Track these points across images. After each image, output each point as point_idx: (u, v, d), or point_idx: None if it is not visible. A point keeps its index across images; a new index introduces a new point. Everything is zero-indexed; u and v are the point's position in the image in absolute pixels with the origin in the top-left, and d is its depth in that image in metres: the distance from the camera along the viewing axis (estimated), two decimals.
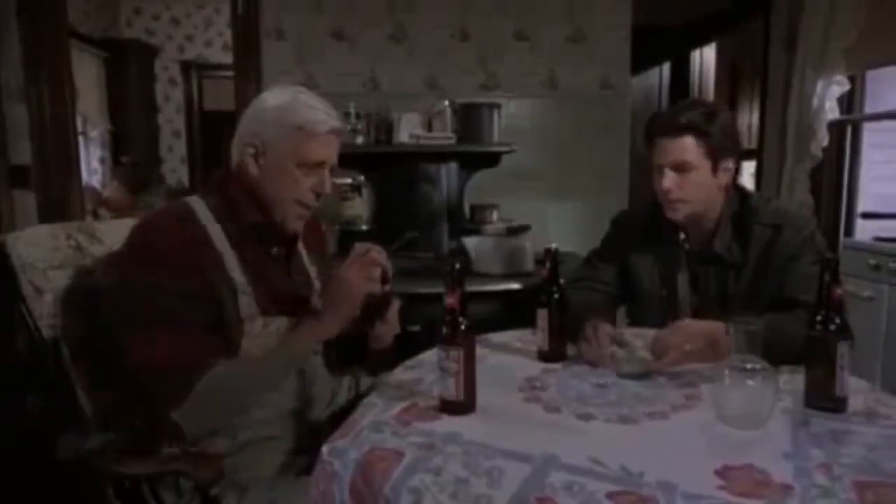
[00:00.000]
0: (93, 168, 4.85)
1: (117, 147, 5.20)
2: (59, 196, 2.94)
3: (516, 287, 2.37)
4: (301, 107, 1.27)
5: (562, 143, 3.23)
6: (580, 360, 1.37)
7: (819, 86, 3.04)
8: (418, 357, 1.39)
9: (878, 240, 2.65)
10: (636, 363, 1.30)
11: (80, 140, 3.58)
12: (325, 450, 0.99)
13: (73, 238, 1.38)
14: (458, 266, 1.09)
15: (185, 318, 1.16)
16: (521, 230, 2.68)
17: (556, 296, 1.37)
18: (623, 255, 1.66)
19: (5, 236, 1.31)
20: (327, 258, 1.62)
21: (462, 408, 1.09)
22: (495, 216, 2.83)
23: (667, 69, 5.03)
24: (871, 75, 3.13)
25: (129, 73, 5.26)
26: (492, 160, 2.88)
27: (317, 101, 1.30)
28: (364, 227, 2.76)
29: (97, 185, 4.78)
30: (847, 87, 3.02)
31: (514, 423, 1.09)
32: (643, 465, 0.89)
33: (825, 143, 3.09)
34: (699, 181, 1.47)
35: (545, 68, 3.19)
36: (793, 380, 1.19)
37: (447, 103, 2.73)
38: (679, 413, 1.11)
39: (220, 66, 5.50)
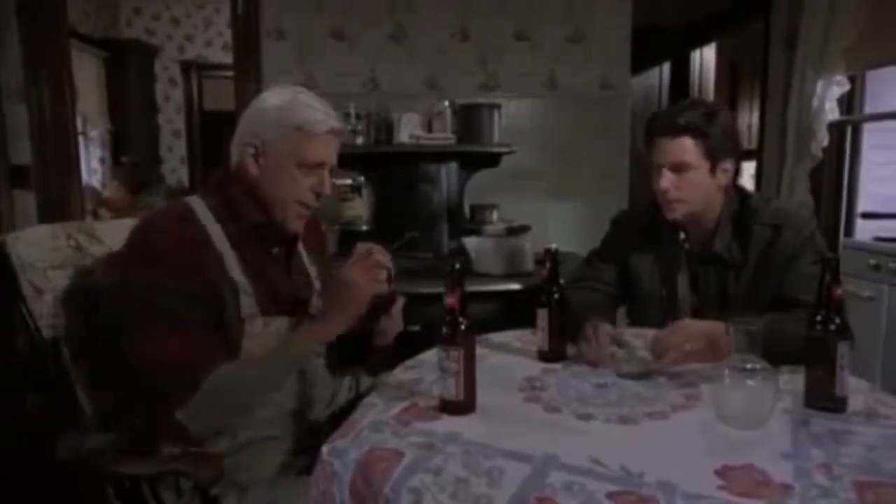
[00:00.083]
0: (93, 168, 4.85)
1: (117, 147, 5.20)
2: (59, 196, 2.94)
3: (516, 287, 2.37)
4: (301, 107, 1.27)
5: (562, 143, 3.23)
6: (580, 360, 1.37)
7: (819, 86, 3.04)
8: (418, 357, 1.39)
9: (878, 240, 2.65)
10: (636, 363, 1.30)
11: (80, 140, 3.58)
12: (325, 450, 0.99)
13: (73, 238, 1.38)
14: (458, 266, 1.09)
15: (186, 317, 1.16)
16: (521, 230, 2.68)
17: (556, 296, 1.37)
18: (623, 255, 1.66)
19: (5, 236, 1.30)
20: (327, 258, 1.62)
21: (462, 408, 1.09)
22: (495, 216, 2.83)
23: (667, 69, 5.03)
24: (871, 75, 3.13)
25: (129, 73, 5.26)
26: (492, 160, 2.88)
27: (316, 101, 1.30)
28: (364, 228, 2.76)
29: (97, 185, 4.78)
30: (847, 87, 3.02)
31: (514, 423, 1.09)
32: (643, 465, 0.89)
33: (825, 143, 3.08)
34: (697, 181, 1.47)
35: (545, 68, 3.19)
36: (793, 380, 1.19)
37: (447, 103, 2.73)
38: (679, 413, 1.11)
39: (220, 66, 5.50)
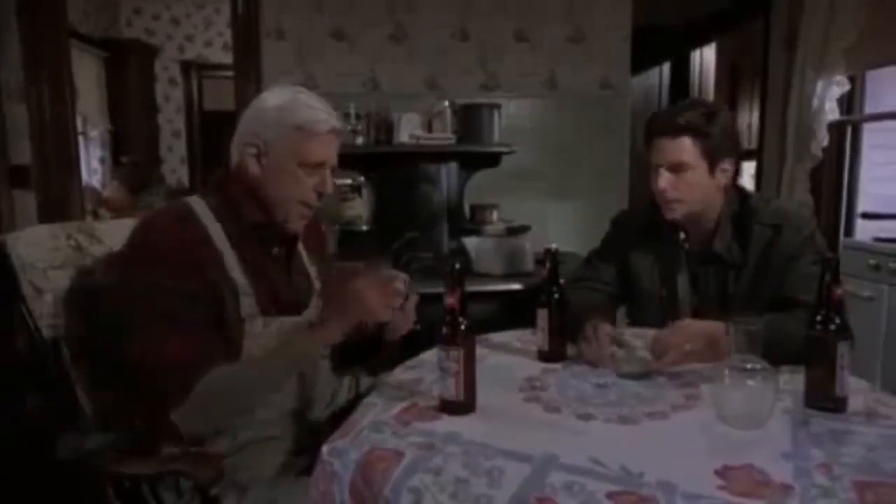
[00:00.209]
0: (93, 168, 4.85)
1: (117, 147, 5.20)
2: (59, 196, 2.94)
3: (516, 287, 2.37)
4: (301, 107, 1.27)
5: (562, 143, 3.23)
6: (580, 360, 1.37)
7: (819, 86, 3.04)
8: (418, 357, 1.39)
9: (878, 240, 2.65)
10: (636, 363, 1.29)
11: (80, 140, 3.58)
12: (325, 450, 0.99)
13: (73, 238, 1.38)
14: (458, 266, 1.09)
15: (185, 317, 1.16)
16: (521, 230, 2.68)
17: (556, 296, 1.37)
18: (623, 254, 1.66)
19: (5, 236, 1.30)
20: (327, 258, 1.62)
21: (462, 408, 1.09)
22: (495, 216, 2.83)
23: (667, 69, 5.03)
24: (871, 75, 3.13)
25: (129, 73, 5.26)
26: (492, 160, 2.88)
27: (317, 100, 1.31)
28: (364, 228, 2.76)
29: (97, 185, 4.78)
30: (847, 87, 3.02)
31: (514, 423, 1.09)
32: (643, 465, 0.89)
33: (825, 143, 3.08)
34: (695, 181, 1.47)
35: (545, 68, 3.19)
36: (793, 380, 1.19)
37: (447, 103, 2.73)
38: (679, 413, 1.11)
39: (220, 66, 5.50)
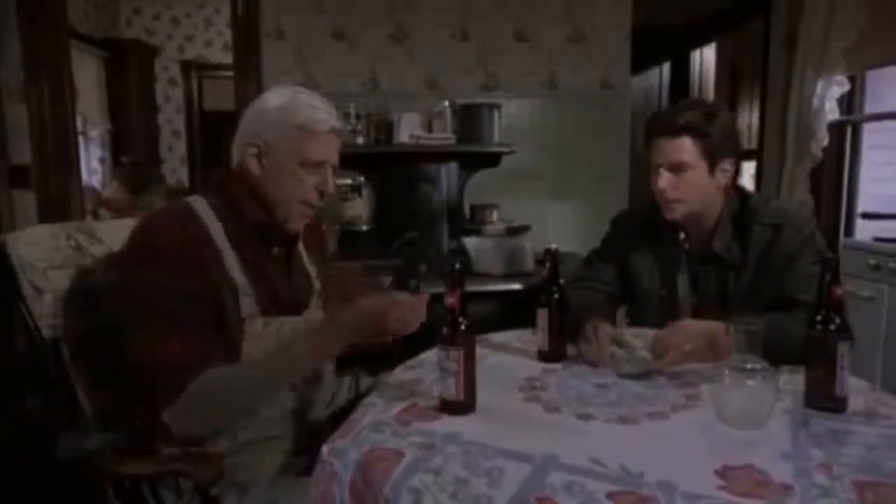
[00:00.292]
0: (93, 168, 4.85)
1: (117, 147, 5.20)
2: (59, 196, 2.94)
3: (516, 287, 2.37)
4: (302, 106, 1.27)
5: (562, 143, 3.23)
6: (580, 360, 1.37)
7: (819, 86, 3.04)
8: (418, 357, 1.39)
9: (878, 240, 2.65)
10: (636, 363, 1.29)
11: (80, 140, 3.58)
12: (325, 450, 0.99)
13: (73, 238, 1.38)
14: (458, 266, 1.09)
15: (184, 317, 1.16)
16: (521, 230, 2.68)
17: (556, 296, 1.37)
18: (623, 254, 1.66)
19: (5, 236, 1.30)
20: (327, 258, 1.62)
21: (462, 408, 1.09)
22: (495, 216, 2.83)
23: (667, 69, 5.03)
24: (871, 75, 3.13)
25: (129, 73, 5.26)
26: (492, 160, 2.88)
27: (317, 100, 1.31)
28: (364, 228, 2.76)
29: (97, 185, 4.78)
30: (847, 87, 3.02)
31: (514, 423, 1.09)
32: (643, 465, 0.89)
33: (825, 143, 3.08)
34: (695, 181, 1.47)
35: (545, 68, 3.19)
36: (793, 380, 1.19)
37: (447, 103, 2.73)
38: (679, 413, 1.11)
39: (220, 66, 5.50)
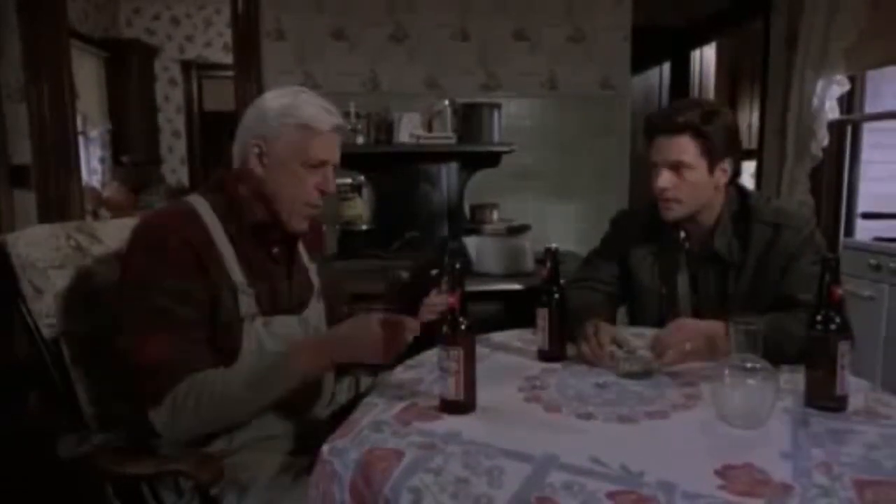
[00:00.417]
0: (93, 168, 4.84)
1: (117, 147, 5.20)
2: (59, 196, 2.94)
3: (516, 287, 2.37)
4: (303, 105, 1.27)
5: (562, 143, 3.23)
6: (580, 360, 1.37)
7: (819, 86, 3.04)
8: (418, 357, 1.39)
9: (878, 240, 2.65)
10: (636, 363, 1.30)
11: (80, 140, 3.57)
12: (325, 449, 0.99)
13: (73, 238, 1.38)
14: (458, 266, 1.09)
15: (177, 318, 1.16)
16: (521, 230, 2.68)
17: (556, 296, 1.37)
18: (623, 254, 1.66)
19: (5, 236, 1.30)
20: (327, 258, 1.62)
21: (462, 407, 1.09)
22: (495, 216, 2.83)
23: (667, 69, 5.03)
24: (871, 75, 3.12)
25: (129, 73, 5.25)
26: (492, 160, 2.88)
27: (318, 99, 1.31)
28: (364, 228, 2.76)
29: (97, 185, 4.78)
30: (847, 87, 3.02)
31: (515, 423, 1.09)
32: (643, 465, 0.89)
33: (825, 143, 3.08)
34: (695, 181, 1.47)
35: (545, 68, 3.19)
36: (793, 379, 1.19)
37: (447, 103, 2.73)
38: (679, 413, 1.11)
39: (220, 66, 5.49)
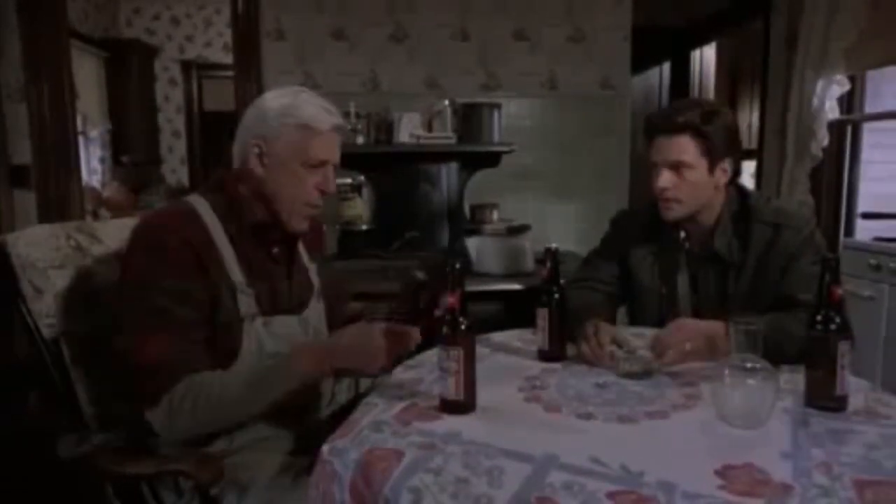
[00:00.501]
0: (93, 168, 4.84)
1: (117, 147, 5.20)
2: (59, 196, 2.94)
3: (516, 287, 2.37)
4: (303, 105, 1.27)
5: (562, 143, 3.23)
6: (580, 360, 1.37)
7: (819, 86, 3.04)
8: (418, 357, 1.39)
9: (878, 240, 2.65)
10: (636, 363, 1.30)
11: (80, 140, 3.57)
12: (325, 449, 0.99)
13: (73, 238, 1.38)
14: (458, 266, 1.09)
15: (176, 318, 1.16)
16: (521, 230, 2.68)
17: (556, 295, 1.37)
18: (623, 254, 1.66)
19: (5, 236, 1.30)
20: (327, 258, 1.62)
21: (462, 407, 1.09)
22: (495, 216, 2.83)
23: (667, 69, 5.03)
24: (871, 75, 3.12)
25: (129, 73, 5.25)
26: (492, 160, 2.87)
27: (319, 99, 1.31)
28: (364, 228, 2.76)
29: (97, 185, 4.78)
30: (847, 87, 3.02)
31: (515, 423, 1.09)
32: (643, 465, 0.89)
33: (825, 143, 3.08)
34: (695, 180, 1.47)
35: (545, 68, 3.19)
36: (793, 379, 1.19)
37: (447, 103, 2.73)
38: (679, 413, 1.11)
39: (220, 66, 5.49)
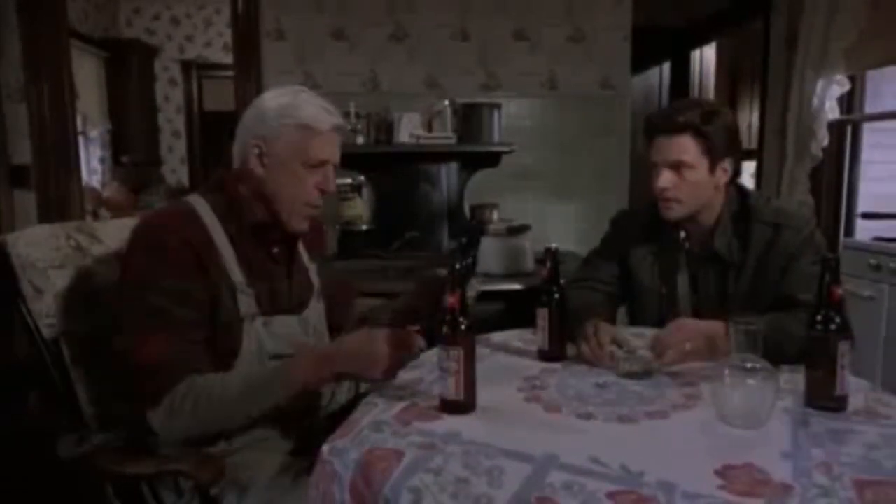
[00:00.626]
0: (93, 168, 4.84)
1: (117, 147, 5.20)
2: (59, 196, 2.94)
3: (516, 287, 2.37)
4: (303, 105, 1.27)
5: (562, 143, 3.23)
6: (580, 360, 1.37)
7: (819, 86, 3.04)
8: (418, 357, 1.39)
9: (878, 240, 2.65)
10: (636, 363, 1.30)
11: (80, 140, 3.58)
12: (325, 449, 0.99)
13: (73, 238, 1.38)
14: (458, 266, 1.09)
15: (176, 318, 1.16)
16: (521, 230, 2.68)
17: (556, 295, 1.37)
18: (623, 254, 1.66)
19: (5, 236, 1.30)
20: (327, 258, 1.62)
21: (462, 407, 1.09)
22: (495, 216, 2.83)
23: (667, 69, 5.03)
24: (871, 75, 3.12)
25: (129, 73, 5.25)
26: (492, 160, 2.88)
27: (318, 99, 1.31)
28: (364, 228, 2.76)
29: (97, 185, 4.78)
30: (847, 87, 3.02)
31: (515, 423, 1.09)
32: (643, 465, 0.89)
33: (825, 143, 3.08)
34: (695, 180, 1.47)
35: (545, 68, 3.19)
36: (793, 379, 1.19)
37: (447, 103, 2.73)
38: (679, 413, 1.11)
39: (220, 66, 5.49)
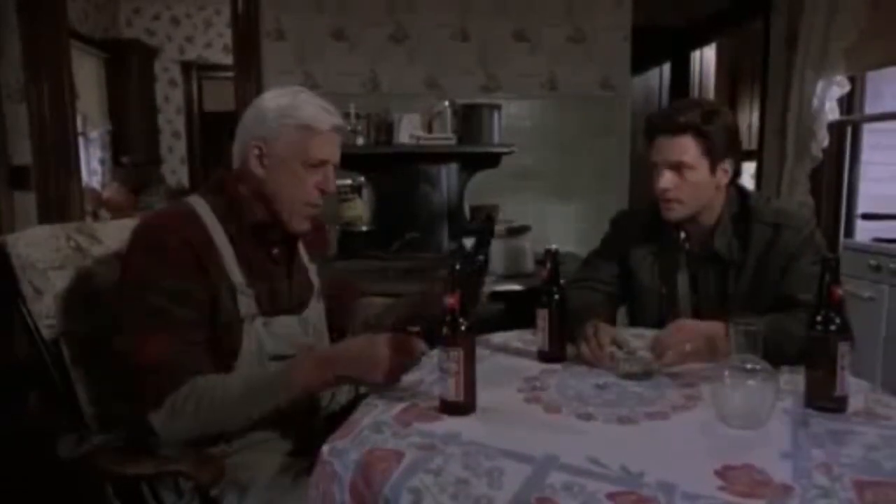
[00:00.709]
0: (93, 168, 4.84)
1: (117, 147, 5.20)
2: (59, 196, 2.94)
3: (516, 288, 2.37)
4: (303, 105, 1.27)
5: (562, 144, 3.23)
6: (580, 361, 1.37)
7: (819, 86, 3.04)
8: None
9: (878, 240, 2.65)
10: (636, 363, 1.29)
11: (80, 140, 3.58)
12: (325, 450, 0.99)
13: (73, 239, 1.38)
14: (457, 266, 1.09)
15: (177, 319, 1.16)
16: (521, 230, 2.68)
17: (556, 296, 1.37)
18: (623, 254, 1.66)
19: (5, 237, 1.30)
20: (328, 259, 1.62)
21: (462, 408, 1.09)
22: (500, 216, 2.83)
23: (667, 69, 5.03)
24: (871, 75, 3.13)
25: (129, 73, 5.25)
26: (492, 161, 2.88)
27: (318, 99, 1.31)
28: (364, 228, 2.76)
29: (97, 185, 4.78)
30: (847, 87, 3.02)
31: (515, 424, 1.09)
32: (643, 466, 0.89)
33: (825, 143, 3.08)
34: (696, 181, 1.47)
35: (545, 69, 3.19)
36: (793, 380, 1.19)
37: (447, 103, 2.73)
38: (679, 413, 1.11)
39: (220, 67, 5.49)
